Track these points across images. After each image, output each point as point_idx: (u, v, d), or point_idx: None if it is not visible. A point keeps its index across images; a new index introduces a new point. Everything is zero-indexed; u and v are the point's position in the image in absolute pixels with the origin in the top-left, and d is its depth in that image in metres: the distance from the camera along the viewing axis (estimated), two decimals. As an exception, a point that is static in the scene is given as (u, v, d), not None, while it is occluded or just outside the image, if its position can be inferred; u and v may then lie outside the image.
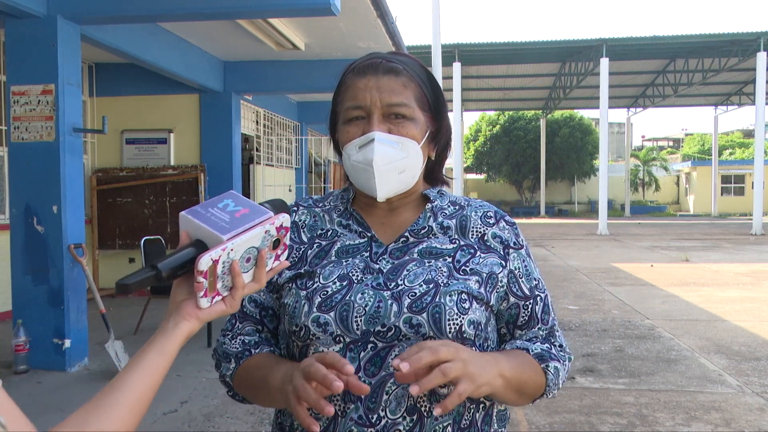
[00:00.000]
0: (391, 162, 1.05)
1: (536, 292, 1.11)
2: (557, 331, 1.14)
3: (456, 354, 0.90)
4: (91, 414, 0.75)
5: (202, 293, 0.81)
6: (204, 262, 0.79)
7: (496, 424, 1.09)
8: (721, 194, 36.84)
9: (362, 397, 0.98)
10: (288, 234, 0.89)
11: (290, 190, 12.78)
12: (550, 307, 1.14)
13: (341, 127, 1.10)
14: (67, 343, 5.06)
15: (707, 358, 5.53)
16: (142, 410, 0.78)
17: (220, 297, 0.84)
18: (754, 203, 20.98)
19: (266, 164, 11.52)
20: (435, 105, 1.12)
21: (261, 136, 11.29)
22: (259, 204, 0.87)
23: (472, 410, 1.04)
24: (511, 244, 1.12)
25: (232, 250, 0.81)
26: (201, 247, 0.81)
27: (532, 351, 1.08)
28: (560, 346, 1.13)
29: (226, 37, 7.33)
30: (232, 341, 1.12)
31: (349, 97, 1.08)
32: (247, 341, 1.11)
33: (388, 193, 1.08)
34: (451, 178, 1.26)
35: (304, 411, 0.91)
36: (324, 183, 14.13)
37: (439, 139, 1.15)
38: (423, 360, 0.87)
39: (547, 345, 1.11)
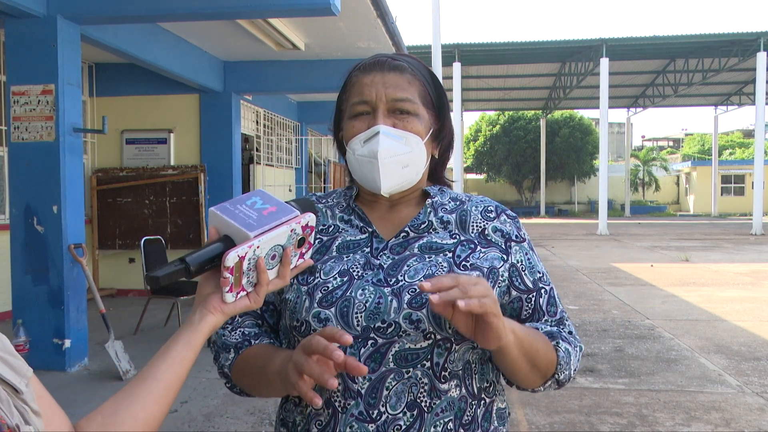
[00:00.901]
0: (396, 156, 1.06)
1: (540, 285, 1.11)
2: (567, 320, 1.13)
3: (489, 292, 0.89)
4: (122, 402, 0.78)
5: (227, 288, 0.83)
6: (230, 258, 0.80)
7: (496, 422, 1.09)
8: (721, 194, 36.85)
9: (362, 392, 0.99)
10: (313, 233, 0.90)
11: (290, 190, 12.78)
12: (557, 299, 1.13)
13: (346, 122, 1.11)
14: (67, 343, 5.06)
15: (707, 358, 5.53)
16: (171, 399, 0.81)
17: (245, 292, 0.86)
18: (754, 203, 20.98)
19: (266, 164, 11.52)
20: (438, 104, 1.13)
21: (261, 136, 11.29)
22: (287, 202, 0.89)
23: (474, 406, 1.04)
24: (513, 237, 1.12)
25: (258, 247, 0.82)
26: (228, 242, 0.83)
27: (542, 329, 1.08)
28: (570, 333, 1.12)
29: (226, 37, 7.33)
30: (232, 333, 1.12)
31: (355, 93, 1.09)
32: (247, 333, 1.12)
33: (392, 188, 1.08)
34: (453, 181, 1.26)
35: (306, 385, 0.91)
36: (324, 183, 14.13)
37: (441, 138, 1.16)
38: (444, 281, 0.86)
39: (557, 329, 1.10)
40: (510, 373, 1.05)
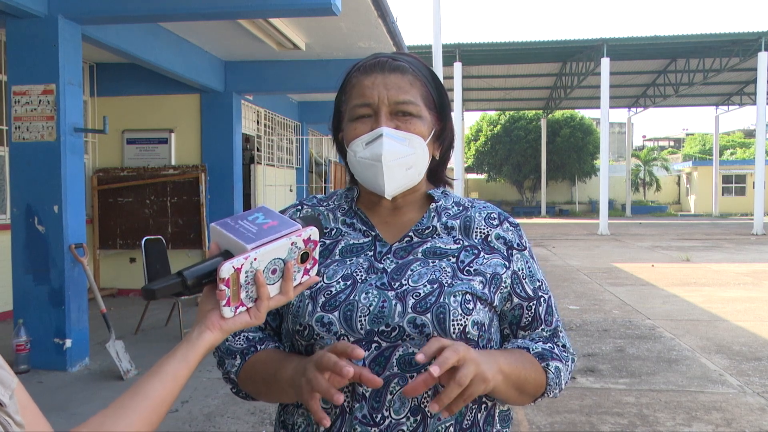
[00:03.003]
0: (399, 158, 1.05)
1: (540, 293, 1.11)
2: (561, 331, 1.14)
3: (467, 354, 0.90)
4: (109, 417, 0.76)
5: (224, 302, 0.81)
6: (225, 270, 0.79)
7: (498, 425, 1.09)
8: (722, 194, 36.80)
9: (367, 396, 0.99)
10: (317, 248, 0.88)
11: (291, 190, 12.78)
12: (554, 308, 1.14)
13: (347, 124, 1.09)
14: (68, 342, 5.06)
15: (708, 358, 5.53)
16: (161, 416, 0.79)
17: (245, 308, 0.84)
18: (755, 203, 20.96)
19: (267, 164, 11.52)
20: (440, 104, 1.12)
21: (262, 135, 11.29)
22: (290, 218, 0.88)
23: (474, 411, 1.04)
24: (515, 245, 1.12)
25: (255, 259, 0.81)
26: (228, 256, 0.82)
27: (533, 350, 1.08)
28: (563, 346, 1.13)
29: (226, 37, 7.33)
30: (236, 338, 1.11)
31: (356, 95, 1.08)
32: (251, 337, 1.11)
33: (396, 190, 1.07)
34: (454, 179, 1.26)
35: (317, 404, 0.91)
36: (325, 183, 14.13)
37: (443, 139, 1.15)
38: (450, 362, 0.88)
39: (549, 345, 1.11)
40: (499, 400, 1.07)
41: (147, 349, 5.61)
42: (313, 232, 0.87)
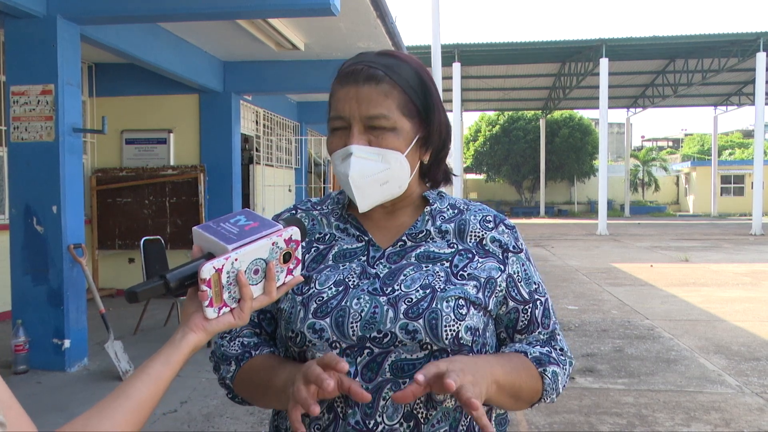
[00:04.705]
0: (371, 175, 1.03)
1: (536, 296, 1.10)
2: (558, 334, 1.13)
3: (464, 366, 0.91)
4: (93, 418, 0.77)
5: (207, 303, 0.82)
6: (206, 270, 0.80)
7: (495, 428, 1.09)
8: (721, 194, 36.84)
9: (360, 402, 0.97)
10: (299, 248, 0.89)
11: (290, 191, 12.77)
12: (551, 311, 1.12)
13: (328, 134, 1.09)
14: (67, 343, 5.06)
15: (707, 358, 5.53)
16: (144, 416, 0.80)
17: (228, 309, 0.85)
18: (753, 203, 20.98)
19: (266, 164, 11.52)
20: (424, 108, 1.07)
21: (261, 136, 11.28)
22: (272, 219, 0.89)
23: (470, 416, 1.03)
24: (511, 248, 1.10)
25: (236, 259, 0.82)
26: (210, 258, 0.83)
27: (530, 354, 1.07)
28: (561, 350, 1.11)
29: (226, 38, 7.33)
30: (231, 343, 1.11)
31: (333, 107, 1.06)
32: (246, 343, 1.11)
33: (371, 205, 1.06)
34: (456, 175, 1.23)
35: (296, 414, 0.90)
36: (324, 183, 14.13)
37: (430, 143, 1.10)
38: (434, 370, 0.89)
39: (547, 349, 1.09)
40: (495, 406, 1.07)
41: (146, 350, 5.60)
42: (294, 232, 0.87)
